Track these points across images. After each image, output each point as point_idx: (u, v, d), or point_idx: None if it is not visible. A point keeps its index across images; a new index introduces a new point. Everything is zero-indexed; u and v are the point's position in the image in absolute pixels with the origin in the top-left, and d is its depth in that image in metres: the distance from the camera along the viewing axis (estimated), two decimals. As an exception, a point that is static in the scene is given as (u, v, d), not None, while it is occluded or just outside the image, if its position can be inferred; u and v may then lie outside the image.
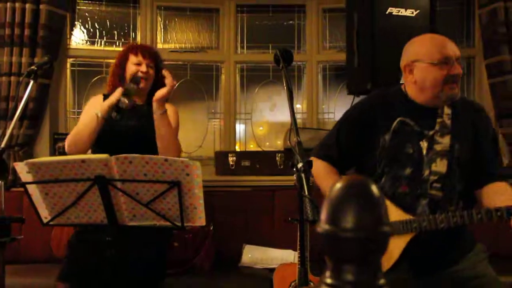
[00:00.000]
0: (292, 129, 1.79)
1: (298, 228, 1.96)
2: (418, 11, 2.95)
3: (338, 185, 0.69)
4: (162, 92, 2.45)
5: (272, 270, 3.24)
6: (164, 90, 2.45)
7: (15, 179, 3.64)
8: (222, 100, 4.49)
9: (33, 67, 2.42)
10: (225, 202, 3.83)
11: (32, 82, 2.38)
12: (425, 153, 2.01)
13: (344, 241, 0.67)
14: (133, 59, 2.53)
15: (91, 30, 4.38)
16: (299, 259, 2.76)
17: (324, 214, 0.69)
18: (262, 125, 4.68)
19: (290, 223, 2.98)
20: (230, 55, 4.48)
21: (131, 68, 2.52)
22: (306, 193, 1.63)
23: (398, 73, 2.89)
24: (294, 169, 1.70)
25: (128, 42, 4.37)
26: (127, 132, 2.51)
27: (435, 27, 2.98)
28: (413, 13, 2.95)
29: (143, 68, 2.52)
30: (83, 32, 4.37)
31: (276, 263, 3.38)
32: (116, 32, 4.42)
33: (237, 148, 4.49)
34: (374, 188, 0.68)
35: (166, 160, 1.81)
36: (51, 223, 1.96)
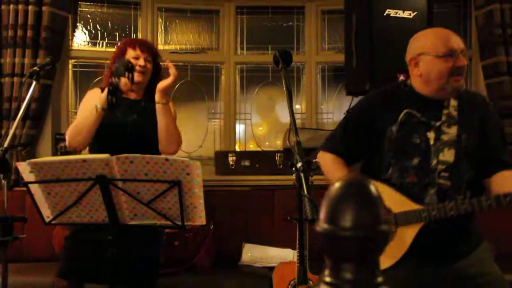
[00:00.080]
0: (292, 129, 1.79)
1: (297, 227, 1.95)
2: (416, 13, 2.95)
3: (337, 185, 0.69)
4: (167, 82, 2.42)
5: (272, 269, 3.24)
6: (169, 80, 2.42)
7: (18, 179, 3.64)
8: (222, 101, 4.49)
9: (36, 68, 2.41)
10: (225, 202, 3.84)
11: (35, 83, 2.38)
12: (433, 143, 2.01)
13: (343, 240, 0.67)
14: (131, 53, 2.50)
15: (93, 32, 4.37)
16: (298, 258, 2.76)
17: (323, 213, 0.69)
18: (262, 126, 4.68)
19: (290, 222, 2.98)
20: (230, 56, 4.48)
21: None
22: (305, 193, 1.63)
23: (397, 74, 2.91)
24: (294, 169, 1.70)
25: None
26: (126, 128, 2.48)
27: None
28: (411, 15, 2.95)
29: (141, 62, 2.49)
30: (85, 34, 4.37)
31: (276, 262, 3.38)
32: (118, 34, 4.42)
33: (237, 148, 4.49)
34: (373, 188, 0.68)
35: (167, 160, 1.81)
36: (53, 222, 1.96)
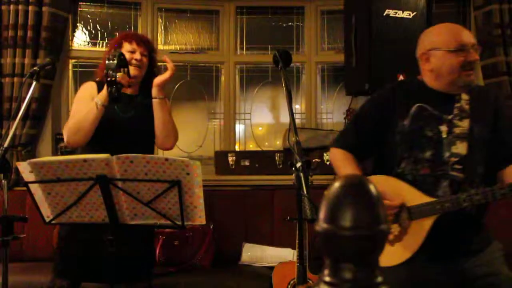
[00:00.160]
0: (291, 129, 1.79)
1: (297, 227, 1.95)
2: (415, 13, 2.95)
3: (336, 185, 0.69)
4: (164, 77, 2.41)
5: (271, 268, 3.24)
6: (166, 75, 2.41)
7: (18, 179, 3.64)
8: (222, 101, 4.49)
9: (36, 68, 2.41)
10: (225, 201, 3.83)
11: (35, 83, 2.37)
12: (445, 137, 2.01)
13: (342, 240, 0.66)
14: (127, 47, 2.48)
15: (93, 32, 4.37)
16: (298, 258, 2.76)
17: (323, 213, 0.68)
18: (261, 126, 4.68)
19: (289, 222, 2.98)
20: (230, 56, 4.48)
21: (125, 56, 2.47)
22: (305, 192, 1.63)
23: (396, 74, 2.91)
24: (293, 169, 1.69)
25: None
26: (125, 124, 2.46)
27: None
28: (410, 15, 2.94)
29: (137, 56, 2.47)
30: (85, 34, 4.36)
31: (275, 261, 3.38)
32: (117, 34, 4.40)
33: (237, 148, 4.49)
34: (372, 188, 0.68)
35: (167, 160, 1.80)
36: (53, 222, 1.96)
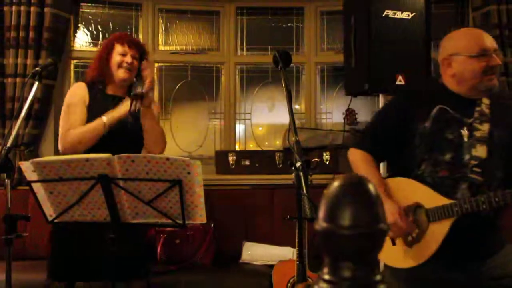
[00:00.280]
0: (291, 129, 1.79)
1: (297, 226, 1.95)
2: (414, 14, 2.95)
3: (336, 184, 0.69)
4: (146, 88, 2.41)
5: (271, 267, 3.24)
6: (146, 87, 2.39)
7: (21, 178, 3.64)
8: (222, 101, 4.49)
9: (38, 69, 2.41)
10: (225, 200, 3.83)
11: (37, 83, 2.37)
12: (466, 140, 1.99)
13: (342, 239, 0.66)
14: (119, 49, 2.49)
15: (94, 32, 4.37)
16: (298, 256, 2.76)
17: (322, 212, 0.68)
18: (261, 125, 4.68)
19: (289, 221, 2.98)
20: (230, 57, 4.47)
21: (116, 58, 2.48)
22: (305, 192, 1.63)
23: (395, 74, 2.91)
24: (293, 168, 1.69)
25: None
26: (123, 128, 2.47)
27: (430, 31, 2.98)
28: (409, 16, 2.94)
29: (128, 59, 2.48)
30: (87, 34, 4.36)
31: (275, 260, 3.38)
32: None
33: (237, 148, 4.48)
34: (371, 187, 0.68)
35: (168, 159, 1.81)
36: (56, 221, 1.96)
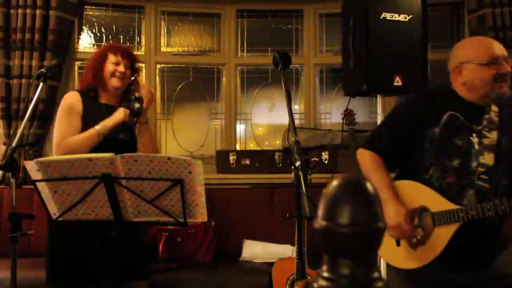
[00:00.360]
0: (291, 129, 1.79)
1: (296, 224, 1.95)
2: (411, 16, 2.95)
3: (334, 183, 0.69)
4: (144, 106, 2.43)
5: (271, 264, 3.24)
6: (144, 105, 2.41)
7: (26, 177, 3.64)
8: (223, 101, 4.49)
9: (43, 70, 2.41)
10: (226, 199, 3.84)
11: (42, 84, 2.37)
12: (473, 147, 1.99)
13: (340, 236, 0.67)
14: (112, 59, 2.49)
15: (98, 35, 4.37)
16: (297, 254, 2.76)
17: (321, 211, 0.69)
18: (262, 126, 4.68)
19: (288, 219, 2.98)
20: (231, 58, 4.47)
21: (109, 67, 2.48)
22: (304, 190, 1.63)
23: (392, 76, 2.91)
24: (292, 167, 1.70)
25: (133, 46, 4.38)
26: (118, 142, 2.47)
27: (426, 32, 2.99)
28: (406, 18, 2.94)
29: (121, 68, 2.49)
30: (90, 36, 4.37)
31: (275, 258, 3.38)
32: (122, 36, 4.42)
33: (238, 147, 4.49)
34: (369, 186, 0.68)
35: (169, 159, 1.81)
36: (60, 219, 1.96)
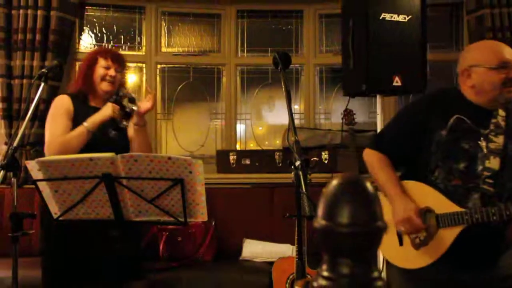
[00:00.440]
0: (290, 129, 1.79)
1: (296, 224, 1.95)
2: (410, 17, 2.95)
3: (334, 182, 0.69)
4: (146, 107, 2.45)
5: (271, 264, 3.24)
6: (148, 105, 2.45)
7: (27, 177, 3.63)
8: (223, 101, 4.49)
9: (44, 70, 2.41)
10: (226, 199, 3.83)
11: (43, 84, 2.37)
12: (481, 151, 1.98)
13: (340, 236, 0.66)
14: (103, 63, 2.50)
15: (99, 35, 4.37)
16: (297, 253, 2.76)
17: (321, 210, 0.68)
18: (262, 125, 4.67)
19: (288, 219, 2.97)
20: (231, 58, 4.47)
21: (99, 71, 2.50)
22: (304, 190, 1.63)
23: (392, 76, 2.91)
24: (292, 167, 1.70)
25: (134, 46, 4.38)
26: (108, 140, 2.47)
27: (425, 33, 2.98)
28: (405, 19, 2.94)
29: (112, 72, 2.50)
30: (91, 37, 4.36)
31: (275, 257, 3.38)
32: (123, 37, 4.42)
33: (238, 147, 4.48)
34: (369, 185, 0.68)
35: (170, 158, 1.81)
36: (61, 219, 1.96)
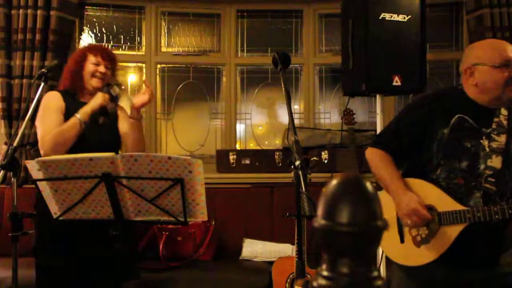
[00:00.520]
0: (290, 129, 1.79)
1: (296, 223, 1.95)
2: (410, 16, 2.95)
3: (334, 182, 0.69)
4: (143, 100, 2.45)
5: (271, 263, 3.24)
6: (145, 98, 2.44)
7: (27, 176, 3.64)
8: (223, 101, 4.49)
9: (44, 70, 2.40)
10: (226, 198, 3.83)
11: (43, 84, 2.37)
12: (483, 149, 1.98)
13: (340, 235, 0.66)
14: (92, 59, 2.50)
15: (99, 35, 4.37)
16: (297, 253, 2.76)
17: (321, 210, 0.68)
18: (261, 125, 4.67)
19: (288, 218, 2.97)
20: (231, 58, 4.47)
21: (90, 67, 2.49)
22: (303, 190, 1.62)
23: (391, 75, 2.90)
24: (292, 167, 1.69)
25: (134, 46, 4.37)
26: (99, 135, 2.48)
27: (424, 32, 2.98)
28: (405, 18, 2.94)
29: (102, 69, 2.50)
30: (91, 37, 4.36)
31: (275, 256, 3.38)
32: (122, 37, 4.41)
33: (238, 147, 4.48)
34: (368, 185, 0.68)
35: (170, 158, 1.80)
36: (61, 218, 1.96)
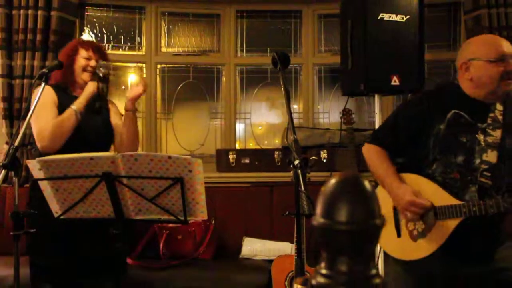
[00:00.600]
0: (289, 128, 1.79)
1: (295, 222, 1.95)
2: (408, 17, 2.95)
3: (332, 181, 0.69)
4: (138, 92, 2.47)
5: (271, 262, 3.24)
6: (140, 90, 2.47)
7: (28, 176, 3.64)
8: (223, 101, 4.49)
9: (44, 70, 2.40)
10: (226, 197, 3.83)
11: (44, 84, 2.37)
12: (478, 144, 1.99)
13: (338, 234, 0.66)
14: (84, 53, 2.51)
15: (99, 35, 4.37)
16: (296, 251, 2.76)
17: (319, 208, 0.68)
18: (261, 125, 4.67)
19: (287, 217, 2.97)
20: (231, 58, 4.47)
21: (81, 61, 2.50)
22: (303, 189, 1.63)
23: (389, 75, 2.91)
24: (291, 166, 1.70)
25: (134, 46, 4.37)
26: (93, 128, 2.49)
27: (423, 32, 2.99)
28: (403, 19, 2.94)
29: (93, 63, 2.51)
30: (92, 37, 4.35)
31: (274, 255, 3.38)
32: (123, 37, 4.41)
33: (237, 146, 4.48)
34: (367, 184, 0.68)
35: (170, 158, 1.81)
36: (62, 217, 1.96)
